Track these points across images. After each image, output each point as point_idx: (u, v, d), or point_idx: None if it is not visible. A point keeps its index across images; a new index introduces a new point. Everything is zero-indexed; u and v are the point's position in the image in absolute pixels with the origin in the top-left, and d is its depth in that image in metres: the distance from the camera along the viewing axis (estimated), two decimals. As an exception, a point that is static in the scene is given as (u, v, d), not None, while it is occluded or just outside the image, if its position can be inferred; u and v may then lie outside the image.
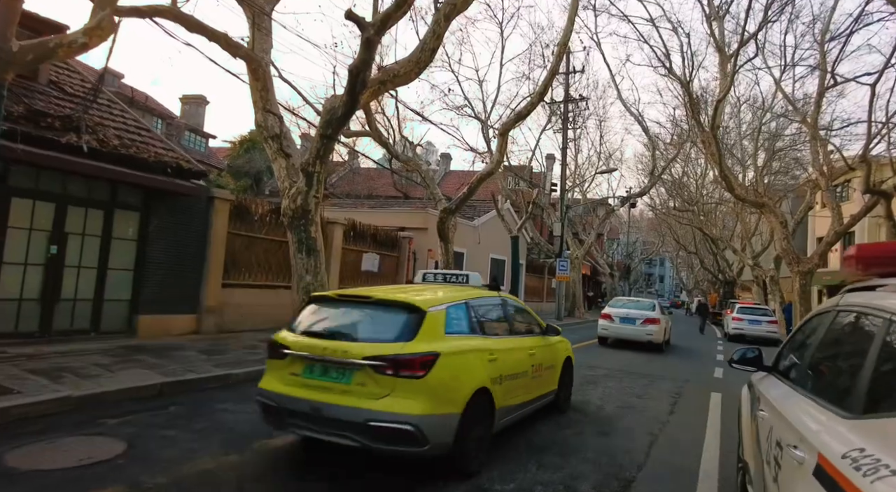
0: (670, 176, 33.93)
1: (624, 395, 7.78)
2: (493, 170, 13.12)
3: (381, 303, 4.32)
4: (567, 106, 23.63)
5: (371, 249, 13.54)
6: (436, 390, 3.77)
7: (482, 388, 4.18)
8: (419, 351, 3.79)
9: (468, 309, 4.66)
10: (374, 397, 3.68)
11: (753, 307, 21.91)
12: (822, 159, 19.48)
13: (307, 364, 3.95)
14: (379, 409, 3.62)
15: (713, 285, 45.84)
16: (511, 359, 4.87)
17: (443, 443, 3.75)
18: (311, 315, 4.43)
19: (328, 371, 3.86)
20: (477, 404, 4.07)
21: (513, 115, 12.81)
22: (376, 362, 3.69)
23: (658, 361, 12.23)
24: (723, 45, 18.75)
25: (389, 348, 3.78)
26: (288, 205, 9.43)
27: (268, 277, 10.84)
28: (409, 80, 10.10)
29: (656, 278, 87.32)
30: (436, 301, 4.37)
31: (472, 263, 19.57)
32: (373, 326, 4.17)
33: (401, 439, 3.60)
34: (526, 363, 5.18)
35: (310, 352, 3.93)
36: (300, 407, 3.82)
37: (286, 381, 4.02)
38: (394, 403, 3.64)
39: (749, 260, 28.41)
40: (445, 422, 3.78)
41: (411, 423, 3.58)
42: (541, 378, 5.55)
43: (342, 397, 3.73)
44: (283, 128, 9.96)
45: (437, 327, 4.11)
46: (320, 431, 3.79)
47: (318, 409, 3.73)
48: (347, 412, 3.66)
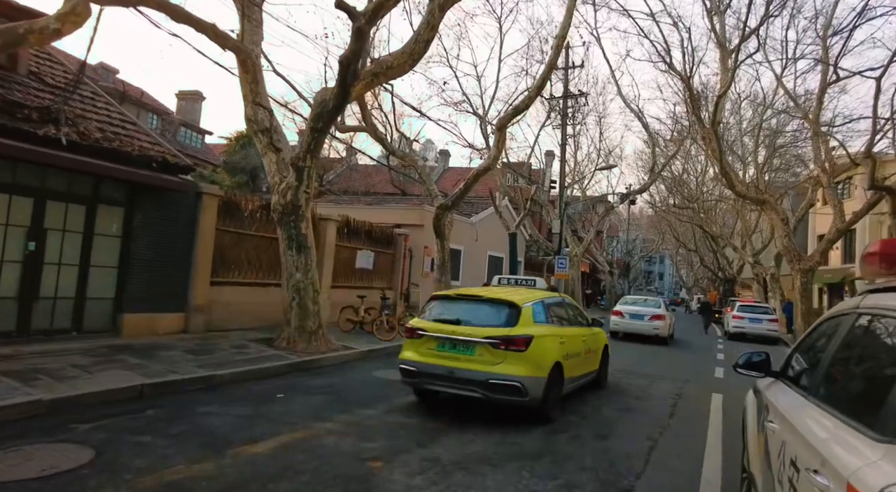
0: (670, 173, 33.68)
1: (624, 396, 7.55)
2: (491, 165, 12.87)
3: (489, 300, 6.10)
4: (566, 101, 23.35)
5: (365, 247, 13.30)
6: (532, 359, 5.48)
7: (557, 362, 5.86)
8: (521, 333, 5.53)
9: (544, 306, 6.33)
10: (492, 363, 5.43)
11: (754, 306, 21.67)
12: (823, 156, 19.23)
13: (440, 342, 5.72)
14: (496, 371, 5.37)
15: (713, 283, 45.65)
16: (572, 343, 6.49)
17: (536, 397, 5.49)
18: (436, 308, 6.20)
19: (456, 346, 5.64)
20: (554, 372, 5.76)
21: (510, 110, 12.55)
22: (493, 341, 5.46)
23: (658, 361, 12.01)
24: (724, 41, 18.49)
25: (500, 331, 5.52)
26: (278, 200, 9.19)
27: (258, 274, 10.59)
28: (402, 72, 9.85)
29: (656, 276, 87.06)
30: (526, 299, 6.09)
31: (470, 260, 19.34)
32: (485, 316, 5.85)
33: (511, 391, 5.35)
34: (581, 347, 6.81)
35: (442, 333, 5.71)
36: (437, 371, 5.60)
37: (423, 353, 5.76)
38: (506, 367, 5.38)
39: (749, 258, 28.18)
40: (538, 382, 5.51)
41: (518, 380, 5.33)
42: (589, 359, 7.19)
43: (468, 364, 5.51)
44: (274, 121, 9.71)
45: (529, 318, 5.83)
46: (453, 387, 5.59)
47: (452, 372, 5.53)
48: (473, 374, 5.43)
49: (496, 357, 5.44)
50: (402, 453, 4.50)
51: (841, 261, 28.81)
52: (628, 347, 14.14)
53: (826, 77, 18.93)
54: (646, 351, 13.63)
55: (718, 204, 35.23)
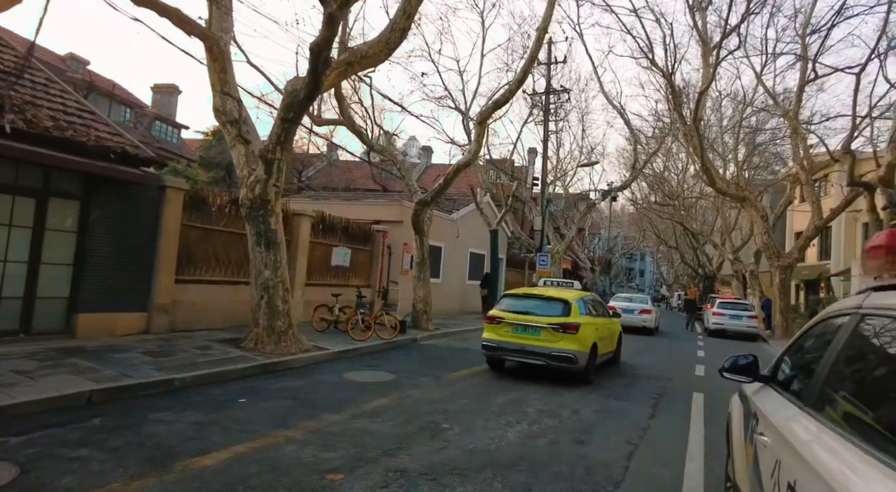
0: (652, 170, 33.80)
1: (603, 397, 7.32)
2: (471, 160, 12.58)
3: (548, 297, 8.45)
4: (548, 97, 23.15)
5: (342, 243, 12.91)
6: (580, 339, 7.76)
7: (594, 342, 8.23)
8: (573, 321, 7.81)
9: (584, 302, 8.73)
10: (553, 342, 7.73)
11: (734, 302, 21.76)
12: (802, 153, 19.34)
13: (514, 327, 8.03)
14: (556, 347, 7.68)
15: (693, 280, 46.02)
16: (602, 329, 8.87)
17: (582, 366, 7.80)
18: (509, 302, 8.62)
19: (526, 330, 7.96)
20: (593, 349, 8.13)
21: (491, 104, 12.26)
22: (554, 326, 7.76)
23: (640, 359, 11.86)
24: (705, 37, 18.48)
25: (558, 320, 7.83)
26: (246, 194, 8.78)
27: (226, 272, 10.16)
28: (378, 61, 9.49)
29: (637, 273, 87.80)
30: (573, 297, 8.46)
31: (451, 257, 19.04)
32: (546, 309, 8.15)
33: (567, 361, 7.65)
34: (606, 332, 9.18)
35: (515, 320, 8.04)
36: (512, 347, 7.98)
37: (501, 334, 8.12)
38: (563, 344, 7.68)
39: (729, 255, 28.38)
40: (584, 355, 7.80)
41: (572, 353, 7.63)
42: (610, 341, 9.53)
43: (536, 342, 7.84)
44: (243, 112, 9.27)
45: (577, 310, 8.14)
46: (524, 357, 7.97)
47: (523, 347, 7.89)
48: (540, 348, 7.76)
49: (556, 338, 7.78)
50: (366, 462, 4.18)
51: (817, 258, 29.17)
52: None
53: (805, 75, 19.02)
54: (631, 347, 13.52)
55: (699, 201, 35.54)
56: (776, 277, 19.73)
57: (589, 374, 8.08)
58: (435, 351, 10.44)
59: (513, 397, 6.86)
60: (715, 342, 17.54)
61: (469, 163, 12.58)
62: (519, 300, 8.60)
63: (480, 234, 20.27)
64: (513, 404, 6.41)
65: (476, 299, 19.45)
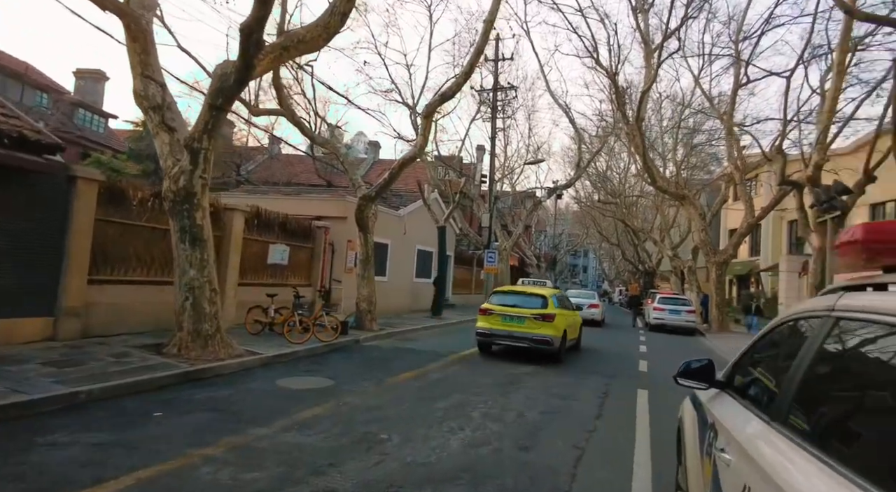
0: (595, 169, 34.58)
1: (549, 396, 7.15)
2: (417, 154, 12.19)
3: (529, 293, 10.54)
4: (496, 94, 23.08)
5: (279, 240, 12.22)
6: (555, 327, 9.66)
7: (564, 329, 10.12)
8: (549, 312, 9.77)
9: (557, 297, 10.74)
10: (534, 328, 9.60)
11: (673, 297, 22.46)
12: (736, 154, 20.19)
13: (503, 317, 9.89)
14: (536, 332, 9.57)
15: (633, 275, 47.56)
16: (569, 319, 10.79)
17: (556, 347, 9.71)
18: (498, 298, 10.52)
19: (513, 319, 9.82)
20: (564, 334, 10.00)
21: (437, 97, 11.91)
22: (534, 316, 9.67)
23: (584, 355, 11.89)
24: (648, 38, 18.93)
25: (538, 311, 9.76)
26: (169, 186, 8.04)
27: (150, 271, 9.33)
28: (316, 47, 8.94)
29: (580, 269, 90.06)
30: (549, 293, 10.50)
31: (398, 254, 18.60)
32: (528, 302, 10.09)
33: (545, 344, 9.55)
34: (572, 321, 11.17)
35: (504, 312, 9.93)
36: (502, 333, 9.85)
37: (492, 323, 9.95)
38: (542, 330, 9.57)
39: (668, 251, 29.39)
40: (558, 339, 9.68)
41: (549, 337, 9.54)
42: (574, 330, 11.43)
43: (520, 329, 9.70)
44: (167, 97, 8.50)
45: (552, 304, 10.05)
46: (512, 341, 9.80)
47: (511, 333, 9.74)
48: (524, 334, 9.64)
49: (537, 325, 9.77)
50: (293, 484, 3.75)
51: (748, 254, 30.70)
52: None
53: (738, 78, 19.87)
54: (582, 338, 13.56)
55: (639, 200, 36.73)
56: (713, 272, 20.50)
57: (560, 354, 10.18)
58: (378, 353, 10.01)
59: (457, 399, 6.56)
60: (656, 337, 18.00)
61: (415, 157, 12.20)
62: (506, 296, 10.71)
63: (428, 231, 19.93)
64: (457, 408, 6.11)
65: (426, 297, 19.08)
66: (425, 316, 17.52)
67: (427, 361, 9.21)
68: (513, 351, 10.51)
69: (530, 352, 9.94)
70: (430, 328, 14.83)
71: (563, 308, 10.75)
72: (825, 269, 10.01)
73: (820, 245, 10.35)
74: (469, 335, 13.83)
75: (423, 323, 15.34)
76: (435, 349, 10.76)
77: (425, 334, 13.64)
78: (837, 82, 10.01)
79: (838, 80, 10.00)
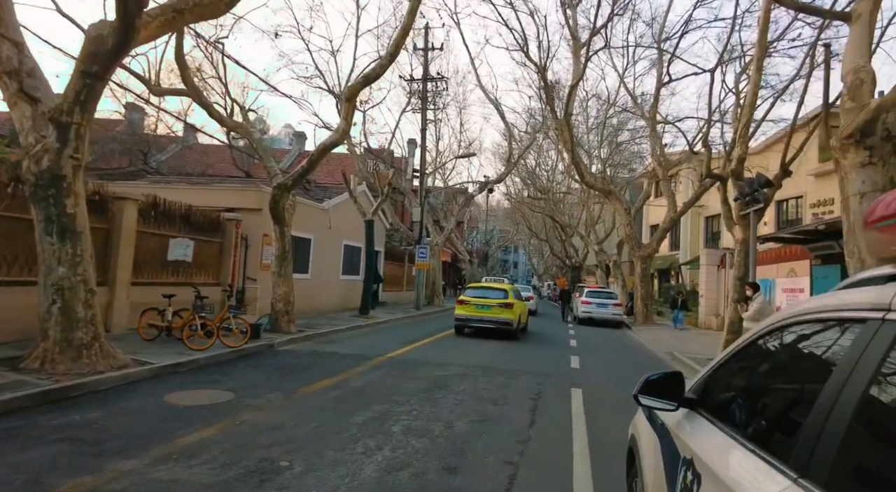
0: (525, 166, 34.90)
1: (479, 401, 6.57)
2: (339, 140, 11.25)
3: (495, 288, 15.17)
4: (426, 84, 22.44)
5: (182, 234, 10.89)
6: (514, 312, 13.76)
7: (520, 314, 14.41)
8: (510, 302, 13.88)
9: (514, 290, 15.47)
10: (499, 314, 13.58)
11: (600, 291, 22.84)
12: (659, 150, 20.76)
13: (476, 306, 13.81)
14: (501, 317, 13.55)
15: (561, 270, 48.71)
16: (522, 307, 14.97)
17: (515, 328, 13.82)
18: (471, 291, 14.73)
19: (483, 307, 13.73)
20: (519, 318, 14.16)
21: (361, 78, 11.04)
22: (500, 304, 13.74)
23: (516, 351, 11.52)
24: (576, 33, 19.00)
25: (502, 301, 13.88)
26: (29, 167, 6.71)
27: (11, 270, 7.86)
28: (216, 13, 7.86)
29: (511, 265, 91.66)
30: (509, 288, 15.40)
31: (322, 250, 17.50)
32: (494, 294, 14.20)
33: (507, 324, 13.55)
34: (524, 309, 15.51)
35: (477, 302, 13.91)
36: (475, 318, 13.72)
37: (468, 311, 13.80)
38: (505, 315, 13.58)
39: (595, 246, 30.07)
40: (516, 321, 13.79)
41: (510, 321, 13.59)
42: (524, 316, 15.30)
43: (489, 314, 13.61)
44: (27, 61, 7.10)
45: (512, 295, 14.28)
46: (482, 324, 13.59)
47: (482, 318, 13.63)
48: (492, 318, 13.58)
49: (501, 311, 13.31)
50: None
51: (668, 249, 32.03)
52: (476, 343, 13.61)
53: (661, 77, 20.43)
54: (499, 345, 13.21)
55: (567, 196, 37.55)
56: (638, 266, 20.98)
57: (517, 333, 14.03)
58: (293, 358, 9.05)
59: (377, 411, 5.82)
60: (585, 331, 18.10)
61: (337, 143, 11.26)
62: (477, 290, 14.87)
63: (356, 225, 18.93)
64: (376, 422, 5.37)
65: (356, 296, 18.01)
66: (352, 315, 16.58)
67: (348, 366, 8.39)
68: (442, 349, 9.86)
69: (495, 332, 13.63)
70: (357, 329, 13.94)
71: (517, 299, 14.64)
72: (748, 261, 10.15)
73: (743, 237, 10.50)
74: (398, 335, 13.14)
75: (350, 323, 14.42)
76: (359, 352, 9.94)
77: (350, 336, 12.75)
78: (756, 77, 10.15)
79: (757, 75, 10.14)
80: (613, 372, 9.96)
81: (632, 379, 2.33)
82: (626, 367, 10.87)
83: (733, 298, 10.55)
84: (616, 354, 12.80)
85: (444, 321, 18.55)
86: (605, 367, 10.56)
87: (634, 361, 11.75)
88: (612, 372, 9.94)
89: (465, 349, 11.32)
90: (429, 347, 11.43)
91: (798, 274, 12.57)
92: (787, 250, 13.48)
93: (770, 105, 13.93)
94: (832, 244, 9.71)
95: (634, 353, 13.21)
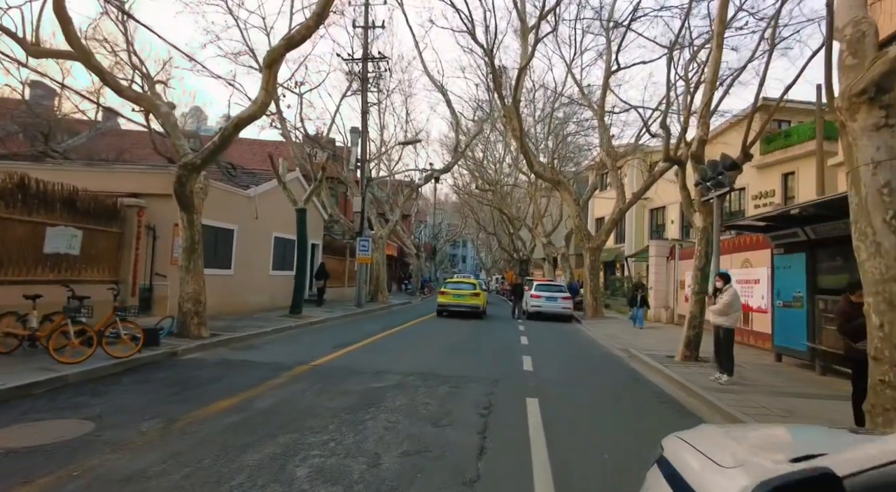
0: (472, 157, 33.99)
1: (416, 422, 5.36)
2: (257, 113, 9.68)
3: (466, 281, 22.61)
4: (366, 64, 20.94)
5: (65, 222, 9.04)
6: (481, 299, 20.20)
7: (485, 301, 20.99)
8: (477, 292, 20.35)
9: (479, 283, 24.13)
10: (470, 300, 19.80)
11: (549, 284, 22.21)
12: (606, 141, 20.26)
13: (453, 295, 19.91)
14: (472, 303, 19.79)
15: (509, 263, 48.33)
16: (485, 296, 21.35)
17: (482, 311, 20.32)
18: (449, 285, 21.28)
19: (458, 296, 19.87)
20: (484, 304, 20.76)
21: (282, 41, 9.53)
22: (470, 293, 20.05)
23: (464, 351, 10.41)
24: (524, 16, 18.19)
25: (472, 291, 20.27)
26: None
27: None
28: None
29: (459, 259, 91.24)
30: (476, 282, 23.13)
31: (248, 243, 15.76)
32: (465, 286, 20.91)
33: (476, 308, 19.81)
34: (486, 298, 21.61)
35: (454, 292, 20.09)
36: (452, 305, 19.64)
37: (448, 299, 19.78)
38: (474, 302, 19.83)
39: (543, 238, 29.55)
40: (482, 306, 20.30)
41: (479, 306, 19.93)
42: (485, 301, 20.88)
43: (463, 301, 19.74)
44: None
45: (479, 286, 21.39)
46: (458, 308, 19.49)
47: (459, 305, 19.63)
48: (466, 305, 19.67)
49: (471, 299, 19.60)
50: None
51: (614, 241, 32.01)
52: (418, 344, 12.49)
53: (609, 65, 19.91)
54: (460, 334, 12.12)
55: (514, 188, 37.02)
56: (587, 258, 20.43)
57: (483, 315, 19.41)
58: (195, 369, 7.51)
59: (282, 443, 4.48)
60: (535, 326, 17.29)
61: (255, 116, 9.68)
62: (453, 284, 20.78)
63: (290, 216, 17.22)
64: (276, 462, 4.04)
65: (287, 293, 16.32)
66: (282, 315, 14.97)
67: (261, 379, 6.97)
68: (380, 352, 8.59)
69: (467, 314, 18.99)
70: (284, 331, 12.41)
71: (482, 290, 20.77)
72: (709, 250, 9.46)
73: (704, 225, 9.80)
74: (332, 337, 11.72)
75: (277, 324, 12.86)
76: (279, 360, 8.49)
77: (275, 339, 11.23)
78: (717, 54, 9.46)
79: (717, 52, 9.44)
80: (570, 375, 9.01)
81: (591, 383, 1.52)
82: (583, 367, 9.99)
83: (694, 290, 9.86)
84: (570, 352, 11.93)
85: (387, 319, 17.24)
86: (562, 368, 9.61)
87: (590, 360, 10.91)
88: (569, 375, 8.99)
89: (406, 352, 10.08)
90: (365, 350, 10.12)
91: (753, 265, 12.15)
92: (741, 240, 13.05)
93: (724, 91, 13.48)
94: (796, 231, 9.15)
95: (589, 350, 12.39)
